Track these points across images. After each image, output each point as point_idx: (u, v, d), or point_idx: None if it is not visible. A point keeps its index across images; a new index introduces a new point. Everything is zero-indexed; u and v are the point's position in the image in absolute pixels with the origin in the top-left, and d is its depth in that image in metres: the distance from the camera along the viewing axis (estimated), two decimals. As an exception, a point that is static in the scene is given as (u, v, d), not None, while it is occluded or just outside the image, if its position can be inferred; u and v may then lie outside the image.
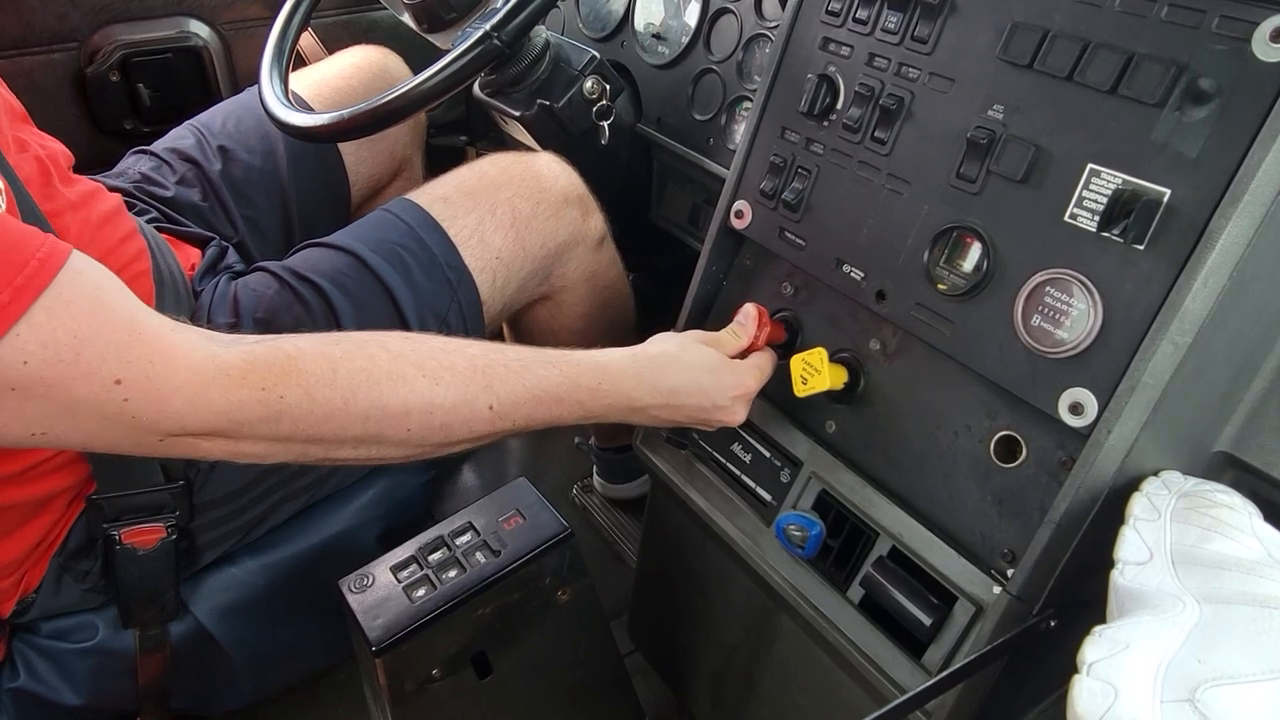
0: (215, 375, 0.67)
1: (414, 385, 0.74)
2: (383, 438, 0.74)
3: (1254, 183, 0.61)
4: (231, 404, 0.67)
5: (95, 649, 0.94)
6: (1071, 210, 0.70)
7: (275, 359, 0.70)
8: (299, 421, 0.70)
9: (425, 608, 0.85)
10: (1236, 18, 0.63)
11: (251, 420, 0.68)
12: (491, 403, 0.77)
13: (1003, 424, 0.76)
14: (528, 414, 0.79)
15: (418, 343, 0.78)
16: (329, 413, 0.71)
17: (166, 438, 0.67)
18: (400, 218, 1.05)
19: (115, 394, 0.63)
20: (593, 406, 0.82)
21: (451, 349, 0.78)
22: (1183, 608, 0.51)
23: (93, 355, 0.62)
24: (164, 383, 0.65)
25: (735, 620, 1.03)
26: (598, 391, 0.81)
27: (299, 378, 0.69)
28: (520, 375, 0.78)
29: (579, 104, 1.22)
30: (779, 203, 0.91)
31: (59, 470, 0.85)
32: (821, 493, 0.87)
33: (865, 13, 0.85)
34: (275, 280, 1.00)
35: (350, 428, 0.72)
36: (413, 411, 0.74)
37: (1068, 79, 0.70)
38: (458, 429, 0.76)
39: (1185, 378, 0.66)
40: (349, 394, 0.71)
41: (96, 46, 1.43)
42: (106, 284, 0.66)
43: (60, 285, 0.61)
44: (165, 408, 0.65)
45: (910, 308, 0.80)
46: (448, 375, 0.75)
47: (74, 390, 0.62)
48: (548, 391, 0.79)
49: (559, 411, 0.81)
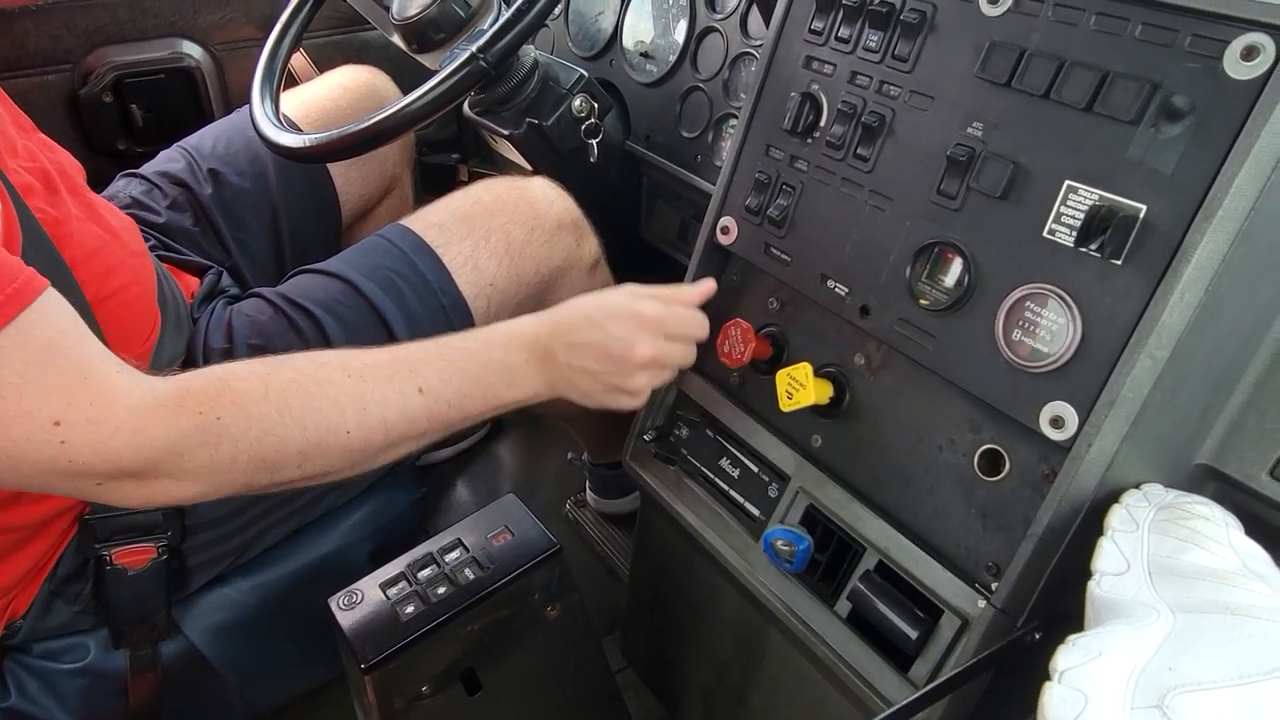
0: (154, 408, 0.68)
1: (342, 386, 0.75)
2: (325, 446, 0.75)
3: (1228, 198, 0.62)
4: (171, 434, 0.68)
5: (86, 669, 0.94)
6: (1050, 226, 0.71)
7: (208, 383, 0.71)
8: (239, 441, 0.71)
9: (414, 625, 0.86)
10: (1209, 36, 0.64)
11: (192, 448, 0.69)
12: (420, 385, 0.78)
13: (986, 438, 0.77)
14: (458, 390, 0.80)
15: (341, 350, 0.80)
16: (267, 427, 0.72)
17: (105, 481, 0.68)
18: (395, 244, 1.06)
19: (53, 435, 0.64)
20: (517, 366, 0.82)
21: (374, 349, 0.80)
22: (1157, 617, 0.52)
23: (36, 396, 0.64)
24: (104, 424, 0.66)
25: (725, 635, 1.04)
26: (511, 344, 0.83)
27: (233, 396, 0.71)
28: (440, 352, 0.80)
29: (568, 122, 1.23)
30: (764, 219, 0.92)
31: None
32: (809, 507, 0.88)
33: (847, 31, 0.86)
34: (270, 306, 1.01)
35: (290, 440, 0.73)
36: (347, 410, 0.75)
37: (1045, 97, 0.71)
38: (395, 422, 0.77)
39: (1164, 391, 0.67)
40: (283, 405, 0.72)
41: (90, 68, 1.44)
42: (69, 328, 0.67)
43: (21, 324, 0.63)
44: (103, 449, 0.66)
45: (893, 322, 0.81)
46: (372, 370, 0.77)
47: (11, 429, 0.63)
48: (470, 358, 0.81)
49: (489, 380, 0.81)
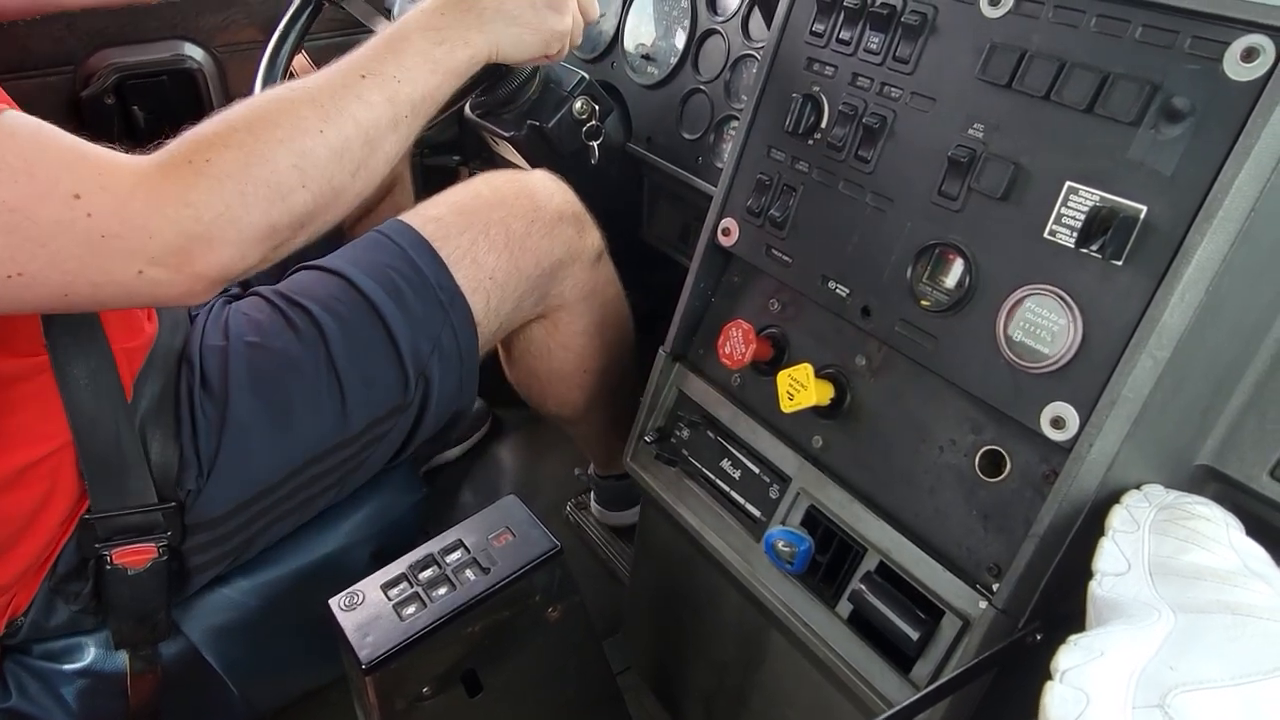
0: (151, 170, 0.70)
1: (293, 98, 0.77)
2: (309, 152, 0.75)
3: (1228, 199, 0.62)
4: (179, 187, 0.70)
5: (86, 670, 0.94)
6: (1051, 227, 0.71)
7: (182, 141, 0.73)
8: (235, 174, 0.72)
9: (415, 626, 0.85)
10: (1208, 38, 0.64)
11: (202, 197, 0.70)
12: (361, 73, 0.80)
13: (987, 438, 0.77)
14: (398, 64, 0.81)
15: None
16: (250, 150, 0.73)
17: (146, 267, 0.70)
18: (392, 239, 1.06)
19: (78, 209, 0.67)
20: (441, 25, 0.83)
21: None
22: (1158, 616, 0.52)
23: (46, 174, 0.66)
24: (118, 188, 0.68)
25: (727, 637, 1.04)
26: (427, 8, 0.84)
27: (208, 140, 0.73)
28: (370, 43, 0.82)
29: (569, 124, 1.23)
30: (765, 220, 0.92)
31: (48, 481, 0.85)
32: (810, 508, 0.88)
33: (848, 34, 0.86)
34: (267, 304, 1.01)
35: (277, 155, 0.74)
36: (307, 115, 0.76)
37: (1045, 98, 0.72)
38: (357, 110, 0.78)
39: (1165, 392, 0.67)
40: (253, 129, 0.74)
41: (92, 70, 1.44)
42: (44, 125, 0.69)
43: (2, 121, 0.66)
44: (125, 213, 0.68)
45: (894, 323, 0.81)
46: (314, 80, 0.79)
47: (37, 211, 0.65)
48: (396, 35, 0.82)
49: (422, 47, 0.82)
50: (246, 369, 0.95)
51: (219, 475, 0.93)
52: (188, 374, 0.94)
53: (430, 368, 1.02)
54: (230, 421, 0.93)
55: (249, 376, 0.95)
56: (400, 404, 1.01)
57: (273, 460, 0.96)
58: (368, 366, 0.99)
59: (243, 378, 0.95)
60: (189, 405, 0.93)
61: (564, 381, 1.25)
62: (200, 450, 0.92)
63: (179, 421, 0.92)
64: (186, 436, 0.92)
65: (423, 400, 1.04)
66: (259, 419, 0.95)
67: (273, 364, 0.96)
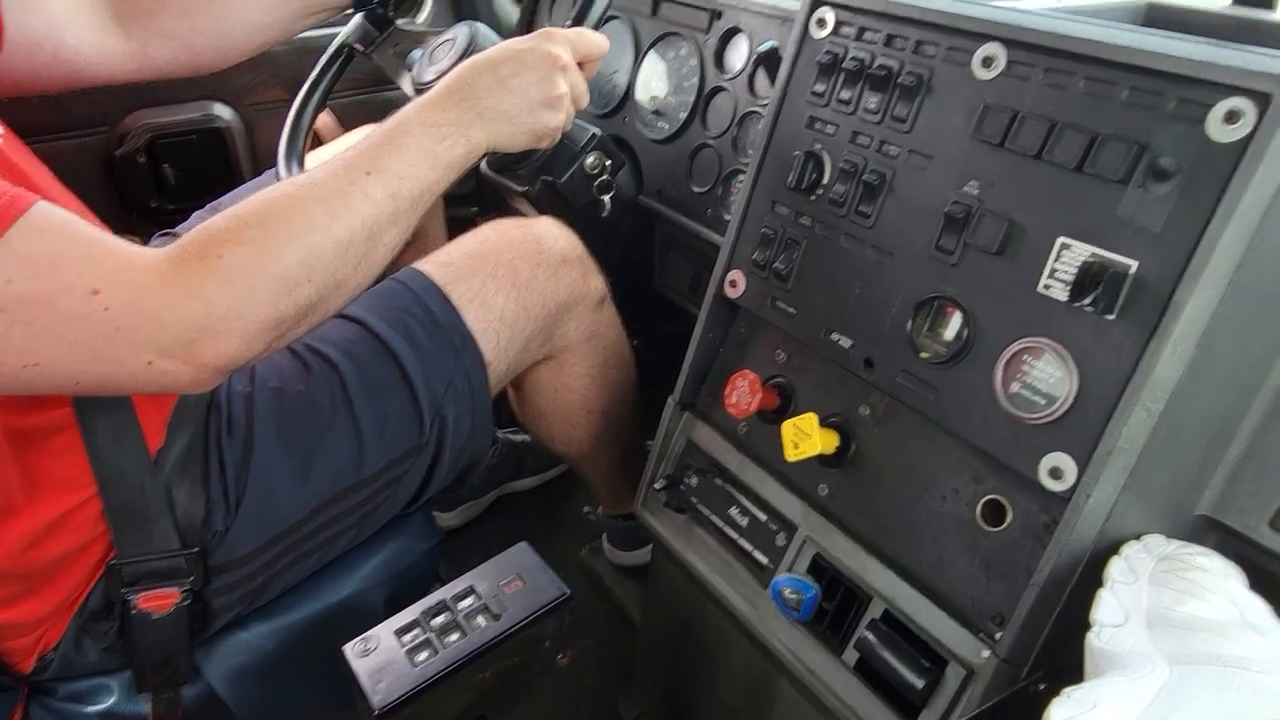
0: (165, 265, 0.73)
1: (303, 195, 0.79)
2: (316, 248, 0.78)
3: (1214, 255, 0.64)
4: (191, 282, 0.72)
5: (109, 713, 0.96)
6: (1045, 281, 0.73)
7: (195, 236, 0.75)
8: (246, 270, 0.74)
9: (427, 671, 0.87)
10: (1192, 100, 0.66)
11: (212, 293, 0.73)
12: (365, 169, 0.82)
13: (988, 488, 0.78)
14: (400, 160, 0.83)
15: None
16: (261, 248, 0.75)
17: (156, 359, 0.72)
18: (407, 285, 1.09)
19: (96, 304, 0.69)
20: (439, 120, 0.86)
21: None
22: (1153, 668, 0.52)
23: (69, 269, 0.68)
24: (135, 282, 0.71)
25: (735, 683, 1.04)
26: (426, 104, 0.87)
27: (221, 236, 0.75)
28: (372, 140, 0.84)
29: (581, 179, 1.26)
30: (770, 272, 0.94)
31: (82, 528, 0.88)
32: (816, 556, 0.89)
33: (848, 94, 0.89)
34: (288, 350, 1.04)
35: (285, 252, 0.76)
36: (316, 211, 0.78)
37: (1037, 157, 0.74)
38: (361, 205, 0.80)
39: (1160, 443, 0.68)
40: (264, 226, 0.76)
41: (126, 129, 1.50)
42: (71, 218, 0.72)
43: (32, 215, 0.68)
44: (141, 306, 0.71)
45: (896, 374, 0.83)
46: (320, 176, 0.81)
47: (57, 305, 0.68)
48: (397, 131, 0.84)
49: (420, 142, 0.84)
50: (269, 412, 0.98)
51: (244, 516, 0.96)
52: (216, 420, 0.97)
53: (445, 407, 1.05)
54: (255, 463, 0.96)
55: (273, 419, 0.98)
56: (417, 444, 1.04)
57: (294, 500, 0.99)
58: (384, 406, 1.02)
59: (266, 421, 0.98)
60: (217, 450, 0.96)
61: (568, 420, 1.28)
62: (228, 492, 0.95)
63: (208, 466, 0.95)
64: (215, 480, 0.95)
65: (439, 441, 1.06)
66: (281, 459, 0.98)
67: (293, 406, 0.99)
